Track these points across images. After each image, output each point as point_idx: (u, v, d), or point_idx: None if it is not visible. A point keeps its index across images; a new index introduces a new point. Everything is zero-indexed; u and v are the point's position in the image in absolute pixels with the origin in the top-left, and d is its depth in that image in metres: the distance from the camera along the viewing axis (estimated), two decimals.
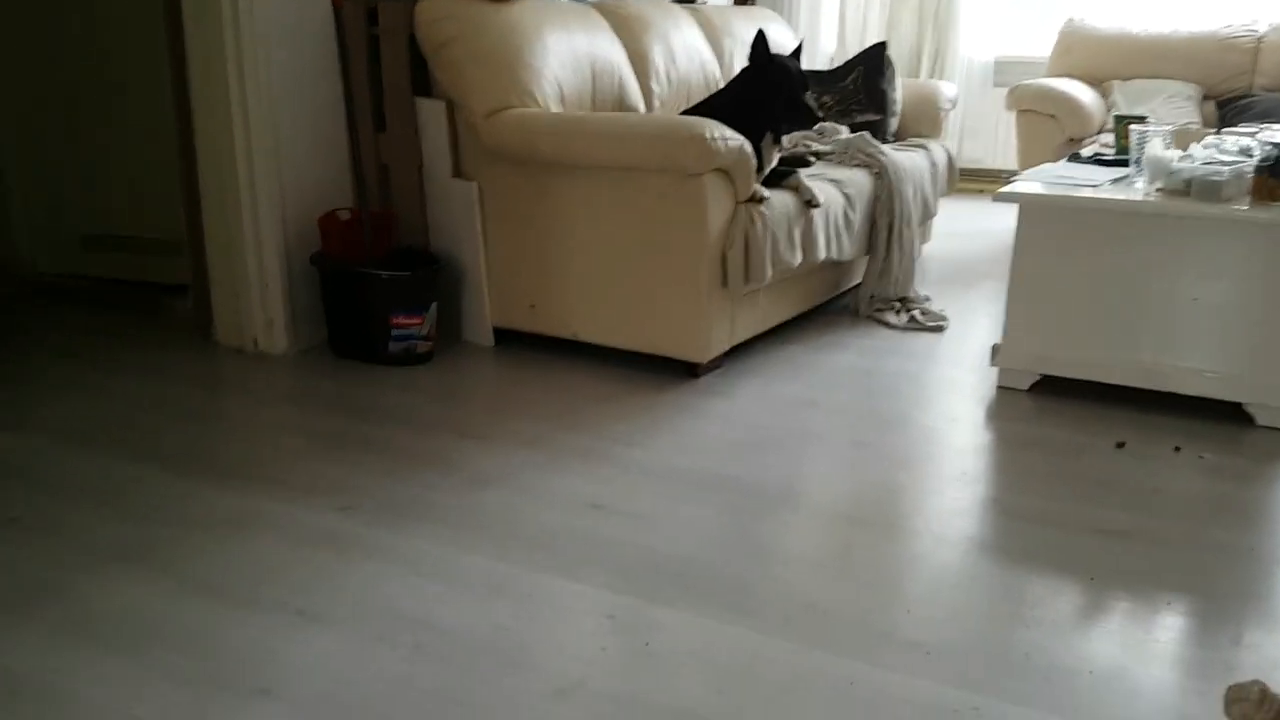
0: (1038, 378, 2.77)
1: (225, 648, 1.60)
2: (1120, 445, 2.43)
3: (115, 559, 1.86)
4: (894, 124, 4.12)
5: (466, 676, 1.54)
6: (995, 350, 2.79)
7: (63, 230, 3.67)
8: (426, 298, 2.93)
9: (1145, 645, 1.66)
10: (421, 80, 3.02)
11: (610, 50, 3.38)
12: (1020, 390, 2.77)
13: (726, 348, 2.92)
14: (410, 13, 2.97)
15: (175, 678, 1.52)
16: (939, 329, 3.36)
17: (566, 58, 3.15)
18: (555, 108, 3.03)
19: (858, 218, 3.30)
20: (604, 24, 3.45)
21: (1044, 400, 2.71)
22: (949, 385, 2.88)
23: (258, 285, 2.95)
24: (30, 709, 1.45)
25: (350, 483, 2.19)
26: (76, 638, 1.62)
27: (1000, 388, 2.79)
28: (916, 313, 3.45)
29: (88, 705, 1.46)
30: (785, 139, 3.17)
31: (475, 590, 1.78)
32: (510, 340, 3.13)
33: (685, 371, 2.86)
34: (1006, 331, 2.76)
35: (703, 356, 2.83)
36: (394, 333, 2.90)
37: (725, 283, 2.78)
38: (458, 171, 3.04)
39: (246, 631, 1.64)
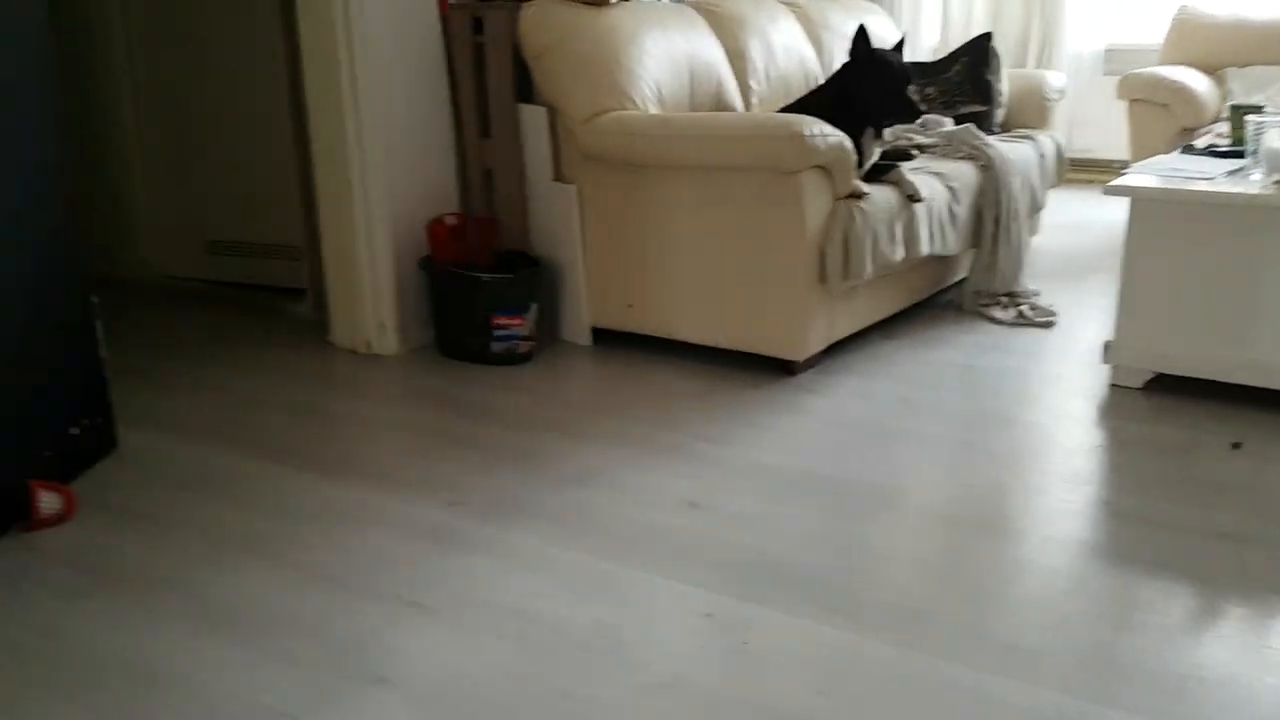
0: (1151, 375, 2.69)
1: (344, 637, 1.68)
2: (1236, 446, 2.34)
3: (241, 550, 1.97)
4: (1000, 115, 4.03)
5: (570, 669, 1.59)
6: (1107, 347, 2.72)
7: (188, 236, 3.87)
8: (527, 299, 3.00)
9: (1260, 652, 1.61)
10: (524, 86, 3.09)
11: (708, 50, 3.39)
12: (1133, 388, 2.69)
13: (824, 345, 2.91)
14: (513, 20, 3.04)
15: (298, 665, 1.61)
16: (1048, 325, 3.28)
17: (664, 59, 3.18)
18: (653, 109, 3.06)
19: (963, 211, 3.24)
20: (702, 23, 3.47)
21: (1158, 399, 2.63)
22: (1058, 383, 2.82)
23: (370, 289, 3.07)
24: (166, 695, 1.55)
25: (456, 478, 2.26)
26: (207, 626, 1.72)
27: (1112, 386, 2.71)
28: (1024, 308, 3.38)
29: (218, 692, 1.55)
30: (887, 132, 3.14)
31: (576, 585, 1.83)
32: (608, 339, 3.18)
33: (782, 369, 2.86)
34: (1119, 328, 2.68)
35: (800, 354, 2.83)
36: (496, 333, 2.98)
37: (823, 279, 2.78)
38: (558, 175, 3.10)
39: (363, 621, 1.72)
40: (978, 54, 4.02)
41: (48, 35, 2.13)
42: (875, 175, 2.98)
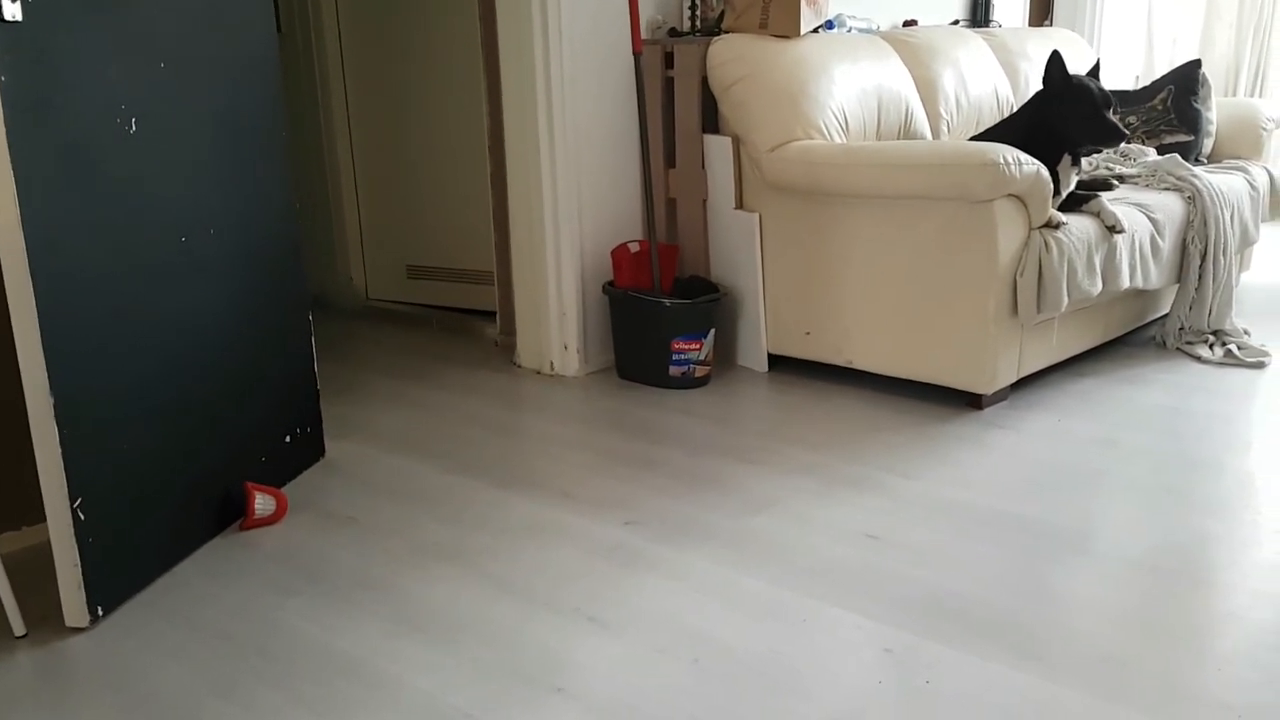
0: None
1: (526, 646, 1.74)
2: None
3: (436, 556, 2.07)
4: (1208, 145, 3.81)
5: (744, 695, 1.59)
6: None
7: (390, 261, 4.12)
8: (705, 324, 3.04)
9: None
10: (709, 118, 3.15)
11: (897, 79, 3.36)
12: None
13: (1013, 379, 2.81)
14: (703, 54, 3.10)
15: (484, 670, 1.68)
16: (1259, 365, 3.06)
17: (851, 89, 3.17)
18: (838, 139, 3.06)
19: (1166, 244, 3.08)
20: (891, 53, 3.44)
21: None
22: (1271, 428, 2.63)
23: (556, 313, 3.18)
24: (362, 687, 1.65)
25: (633, 499, 2.30)
26: (402, 626, 1.82)
27: None
28: (1233, 347, 3.17)
29: (412, 691, 1.63)
30: (1086, 162, 3.02)
31: (751, 612, 1.83)
32: (784, 366, 3.17)
33: (966, 402, 2.78)
34: None
35: (988, 388, 2.74)
36: (674, 357, 3.02)
37: (1015, 311, 2.69)
38: (740, 204, 3.13)
39: (545, 632, 1.78)
40: (1185, 81, 3.82)
41: (280, 84, 2.34)
42: (1073, 205, 2.87)
